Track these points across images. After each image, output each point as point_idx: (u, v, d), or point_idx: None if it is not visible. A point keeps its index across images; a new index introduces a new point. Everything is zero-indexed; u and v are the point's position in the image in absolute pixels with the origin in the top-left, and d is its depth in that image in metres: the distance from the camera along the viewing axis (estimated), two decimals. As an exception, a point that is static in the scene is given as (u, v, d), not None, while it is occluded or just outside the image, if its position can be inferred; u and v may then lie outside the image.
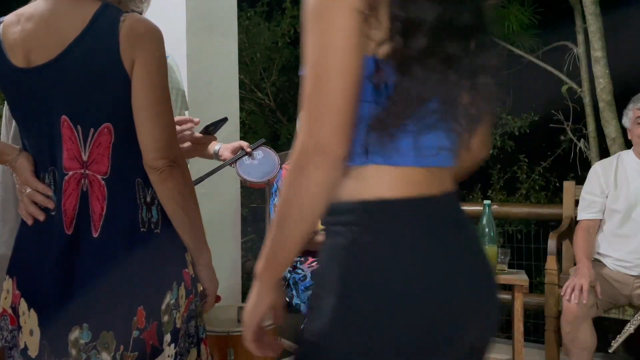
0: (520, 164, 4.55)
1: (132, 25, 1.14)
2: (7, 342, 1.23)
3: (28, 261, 1.21)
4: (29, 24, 1.17)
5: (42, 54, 1.15)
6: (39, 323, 1.18)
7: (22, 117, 1.23)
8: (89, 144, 1.17)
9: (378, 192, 0.86)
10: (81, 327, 1.14)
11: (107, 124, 1.16)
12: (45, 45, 1.15)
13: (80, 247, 1.16)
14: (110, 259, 1.15)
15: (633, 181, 2.56)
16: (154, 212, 1.20)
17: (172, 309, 1.20)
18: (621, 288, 2.46)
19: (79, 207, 1.17)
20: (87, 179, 1.17)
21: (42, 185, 1.19)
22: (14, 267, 1.23)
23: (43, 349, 1.17)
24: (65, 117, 1.16)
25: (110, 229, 1.17)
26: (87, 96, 1.15)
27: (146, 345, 1.17)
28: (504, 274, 2.63)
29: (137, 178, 1.19)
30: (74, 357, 1.14)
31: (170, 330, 1.19)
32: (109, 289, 1.14)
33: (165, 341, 1.19)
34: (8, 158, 1.22)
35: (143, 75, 1.13)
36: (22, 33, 1.17)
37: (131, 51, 1.12)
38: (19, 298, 1.20)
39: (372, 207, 0.86)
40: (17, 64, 1.17)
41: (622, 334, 2.32)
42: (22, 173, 1.21)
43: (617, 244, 2.55)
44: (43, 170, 1.21)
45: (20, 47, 1.16)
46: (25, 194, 1.20)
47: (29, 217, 1.20)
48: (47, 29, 1.16)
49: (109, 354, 1.14)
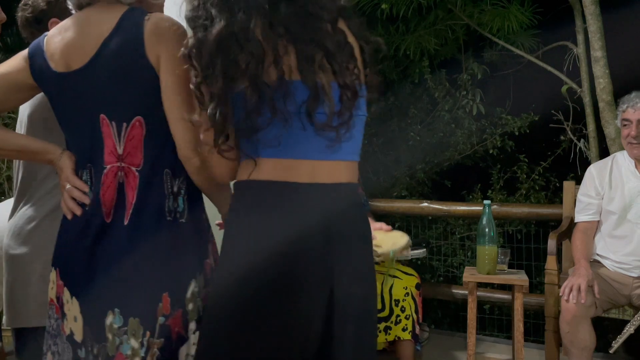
0: (520, 164, 4.55)
1: (155, 23, 1.22)
2: (53, 330, 1.31)
3: (69, 252, 1.28)
4: (68, 33, 1.27)
5: (79, 59, 1.25)
6: (80, 310, 1.25)
7: (64, 119, 1.32)
8: (123, 137, 1.24)
9: (244, 176, 1.15)
10: (113, 312, 1.21)
11: (139, 117, 1.24)
12: (81, 50, 1.25)
13: (113, 234, 1.23)
14: (138, 246, 1.21)
15: (627, 182, 2.56)
16: (180, 202, 1.27)
17: (197, 297, 1.25)
18: (620, 288, 2.46)
19: (116, 198, 1.24)
20: (122, 171, 1.25)
21: (80, 182, 1.27)
22: (57, 259, 1.31)
23: (86, 334, 1.24)
24: (104, 115, 1.24)
25: (139, 217, 1.23)
26: (119, 93, 1.23)
27: (172, 332, 1.21)
28: (504, 274, 2.63)
29: (166, 169, 1.26)
30: (110, 341, 1.21)
31: (195, 318, 1.24)
32: (136, 275, 1.20)
33: (191, 329, 1.24)
34: (52, 157, 1.32)
35: (169, 69, 1.20)
36: (62, 41, 1.27)
37: (156, 47, 1.20)
38: (63, 288, 1.28)
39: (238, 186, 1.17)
40: (57, 69, 1.26)
41: (622, 334, 2.32)
42: (64, 171, 1.29)
43: (614, 245, 2.56)
44: (81, 168, 1.29)
45: (60, 54, 1.26)
46: (65, 190, 1.28)
47: (69, 211, 1.28)
48: (82, 35, 1.26)
49: (136, 339, 1.19)
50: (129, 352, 1.19)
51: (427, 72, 4.57)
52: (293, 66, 1.10)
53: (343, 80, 1.13)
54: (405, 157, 4.72)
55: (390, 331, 2.56)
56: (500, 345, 3.20)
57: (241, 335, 1.11)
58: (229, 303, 1.12)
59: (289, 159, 1.13)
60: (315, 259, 1.12)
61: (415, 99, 4.83)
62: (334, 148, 1.15)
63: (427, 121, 4.77)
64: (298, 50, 1.10)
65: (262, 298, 1.10)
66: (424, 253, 2.86)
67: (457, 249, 4.37)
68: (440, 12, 4.32)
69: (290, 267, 1.10)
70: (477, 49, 4.61)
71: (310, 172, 1.14)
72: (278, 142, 1.12)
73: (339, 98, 1.13)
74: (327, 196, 1.15)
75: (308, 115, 1.10)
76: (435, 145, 4.67)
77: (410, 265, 2.98)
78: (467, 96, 4.55)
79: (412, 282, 2.65)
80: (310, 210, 1.13)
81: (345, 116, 1.13)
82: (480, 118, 4.58)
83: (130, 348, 1.19)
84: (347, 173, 1.20)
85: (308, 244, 1.11)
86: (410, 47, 4.40)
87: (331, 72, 1.12)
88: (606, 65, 3.25)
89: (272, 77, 1.09)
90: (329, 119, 1.11)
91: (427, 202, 3.58)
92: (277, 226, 1.11)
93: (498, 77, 4.55)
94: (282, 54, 1.09)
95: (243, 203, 1.16)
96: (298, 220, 1.11)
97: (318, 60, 1.10)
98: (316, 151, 1.14)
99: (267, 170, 1.13)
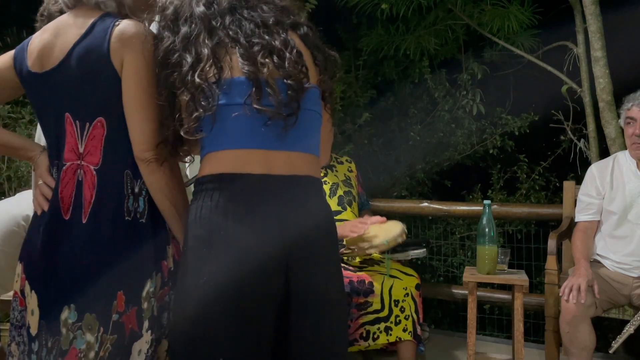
0: (520, 164, 4.55)
1: (122, 29, 1.27)
2: (18, 322, 1.36)
3: (32, 246, 1.33)
4: (45, 35, 1.34)
5: (51, 60, 1.31)
6: (38, 304, 1.30)
7: (38, 117, 1.39)
8: (85, 136, 1.30)
9: (203, 171, 1.23)
10: (69, 307, 1.25)
11: (100, 118, 1.29)
12: (54, 52, 1.31)
13: (72, 232, 1.28)
14: (95, 244, 1.26)
15: (628, 182, 2.56)
16: (141, 202, 1.30)
17: (151, 297, 1.28)
18: (620, 288, 2.46)
19: (74, 195, 1.29)
20: (82, 169, 1.29)
21: (50, 178, 1.34)
22: (23, 253, 1.37)
23: (41, 328, 1.29)
24: (68, 114, 1.30)
25: (97, 216, 1.27)
26: (84, 94, 1.29)
27: (125, 329, 1.25)
28: (504, 274, 2.63)
29: (126, 170, 1.30)
30: (64, 336, 1.25)
31: (149, 317, 1.28)
32: (93, 272, 1.24)
33: (145, 327, 1.27)
34: (32, 154, 1.39)
35: (130, 73, 1.26)
36: (40, 43, 1.34)
37: (120, 51, 1.26)
38: (24, 281, 1.33)
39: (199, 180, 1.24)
40: (33, 69, 1.33)
41: (622, 334, 2.32)
42: (39, 167, 1.36)
43: (614, 246, 2.55)
44: (51, 164, 1.36)
45: (36, 55, 1.33)
46: (37, 186, 1.35)
47: (38, 207, 1.34)
48: (57, 37, 1.32)
49: (92, 334, 1.23)
50: (84, 347, 1.23)
51: (427, 72, 4.57)
52: (235, 65, 1.20)
53: (288, 75, 1.21)
54: (405, 157, 4.72)
55: (391, 332, 2.55)
56: (500, 345, 3.20)
57: (203, 328, 1.16)
58: (188, 299, 1.18)
59: (242, 149, 1.20)
60: (267, 249, 1.16)
61: (415, 99, 4.83)
62: (288, 139, 1.21)
63: (427, 121, 4.77)
64: (240, 51, 1.20)
65: (217, 291, 1.15)
66: (424, 253, 2.86)
67: (457, 249, 4.37)
68: (440, 12, 4.32)
69: (244, 260, 1.15)
70: (477, 49, 4.61)
71: (264, 162, 1.20)
72: (229, 134, 1.19)
73: (286, 92, 1.21)
74: (281, 187, 1.20)
75: (254, 106, 1.17)
76: (435, 145, 4.66)
77: (410, 265, 2.98)
78: (467, 96, 4.54)
79: (412, 283, 2.64)
80: (262, 202, 1.18)
81: (293, 106, 1.20)
82: (480, 118, 4.58)
83: (86, 342, 1.23)
84: (305, 166, 1.25)
85: (260, 237, 1.16)
86: (410, 47, 4.39)
87: (275, 69, 1.20)
88: (606, 65, 3.25)
89: (210, 76, 1.19)
90: (277, 108, 1.18)
91: (427, 202, 3.58)
92: (229, 219, 1.17)
93: (498, 77, 4.54)
94: (221, 56, 1.20)
95: (199, 198, 1.22)
96: (250, 212, 1.17)
97: (260, 58, 1.19)
98: (268, 141, 1.20)
99: (223, 163, 1.20)
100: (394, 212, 3.66)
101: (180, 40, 1.22)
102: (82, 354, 1.23)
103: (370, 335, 2.54)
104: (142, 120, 1.26)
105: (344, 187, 2.98)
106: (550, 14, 4.18)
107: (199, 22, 1.23)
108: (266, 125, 1.19)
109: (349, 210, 2.91)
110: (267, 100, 1.19)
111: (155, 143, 1.26)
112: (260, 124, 1.19)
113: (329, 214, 1.30)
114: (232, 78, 1.19)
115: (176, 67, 1.21)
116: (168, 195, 1.30)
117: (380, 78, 5.02)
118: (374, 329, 2.54)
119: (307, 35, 1.31)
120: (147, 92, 1.26)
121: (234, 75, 1.20)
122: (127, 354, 1.25)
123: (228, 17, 1.24)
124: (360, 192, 3.12)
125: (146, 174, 1.28)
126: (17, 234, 2.78)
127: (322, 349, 1.22)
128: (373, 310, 2.54)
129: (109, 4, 1.35)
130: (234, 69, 1.20)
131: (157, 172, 1.27)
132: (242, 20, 1.24)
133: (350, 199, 2.97)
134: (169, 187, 1.29)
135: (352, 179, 3.07)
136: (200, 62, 1.19)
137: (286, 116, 1.19)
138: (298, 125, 1.21)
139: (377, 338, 2.54)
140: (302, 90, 1.22)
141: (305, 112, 1.24)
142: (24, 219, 2.74)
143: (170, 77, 1.21)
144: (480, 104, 4.50)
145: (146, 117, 1.26)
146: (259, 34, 1.23)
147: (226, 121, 1.19)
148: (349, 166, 3.11)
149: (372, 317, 2.54)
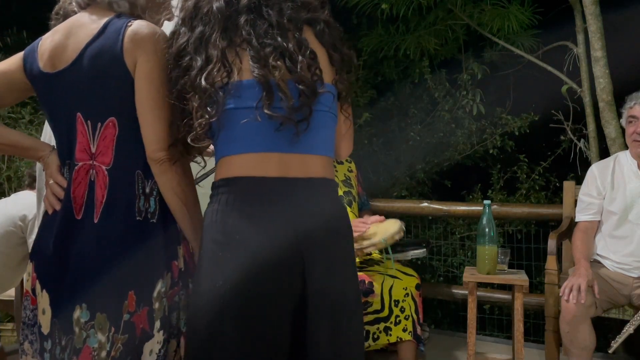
0: (520, 164, 4.55)
1: (135, 29, 1.27)
2: (30, 320, 1.36)
3: (43, 246, 1.33)
4: (57, 35, 1.34)
5: (63, 60, 1.31)
6: (50, 303, 1.30)
7: (49, 116, 1.38)
8: (97, 137, 1.30)
9: (219, 175, 1.23)
10: (81, 307, 1.25)
11: (112, 118, 1.29)
12: (66, 52, 1.31)
13: (83, 231, 1.28)
14: (106, 244, 1.26)
15: (629, 182, 2.55)
16: (152, 202, 1.30)
17: (163, 297, 1.28)
18: (620, 288, 2.46)
19: (87, 195, 1.29)
20: (94, 169, 1.30)
21: (61, 178, 1.34)
22: (34, 252, 1.37)
23: (54, 327, 1.29)
24: (79, 113, 1.30)
25: (108, 216, 1.27)
26: (96, 94, 1.29)
27: (136, 328, 1.25)
28: (504, 274, 2.63)
29: (137, 170, 1.30)
30: (77, 334, 1.25)
31: (161, 317, 1.28)
32: (104, 272, 1.24)
33: (156, 327, 1.27)
34: (42, 154, 1.39)
35: (143, 74, 1.26)
36: (51, 43, 1.34)
37: (133, 52, 1.26)
38: (35, 280, 1.34)
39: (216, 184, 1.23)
40: (45, 69, 1.33)
41: (622, 334, 2.32)
42: (50, 167, 1.36)
43: (614, 246, 2.55)
44: (63, 164, 1.35)
45: (48, 55, 1.33)
46: (48, 186, 1.34)
47: (49, 206, 1.34)
48: (69, 38, 1.32)
49: (103, 334, 1.24)
50: (96, 345, 1.24)
51: (427, 72, 4.57)
52: (245, 67, 1.17)
53: (300, 79, 1.18)
54: (405, 157, 4.72)
55: (390, 332, 2.55)
56: (500, 345, 3.20)
57: (219, 331, 1.15)
58: (204, 302, 1.17)
59: (256, 152, 1.18)
60: (284, 252, 1.15)
61: (415, 99, 4.83)
62: (302, 142, 1.19)
63: (427, 121, 4.77)
64: (251, 53, 1.17)
65: (233, 295, 1.14)
66: (424, 253, 2.86)
67: (457, 249, 4.37)
68: (440, 12, 4.32)
69: (260, 263, 1.14)
70: (477, 49, 4.61)
71: (279, 165, 1.18)
72: (242, 138, 1.18)
73: (298, 95, 1.18)
74: (297, 190, 1.19)
75: (265, 111, 1.15)
76: (435, 145, 4.67)
77: (410, 265, 2.98)
78: (467, 96, 4.54)
79: (412, 283, 2.64)
80: (279, 205, 1.17)
81: (305, 112, 1.18)
82: (480, 118, 4.58)
83: (98, 341, 1.24)
84: (320, 168, 1.24)
85: (276, 239, 1.15)
86: (410, 47, 4.40)
87: (287, 72, 1.17)
88: (606, 65, 3.25)
89: (218, 80, 1.17)
90: (288, 113, 1.16)
91: (427, 202, 3.58)
92: (245, 222, 1.16)
93: (498, 77, 4.55)
94: (231, 58, 1.17)
95: (215, 201, 1.21)
96: (266, 215, 1.16)
97: (271, 61, 1.16)
98: (282, 144, 1.19)
99: (237, 167, 1.19)
100: (394, 212, 3.66)
101: (193, 41, 1.20)
102: (95, 353, 1.24)
103: (370, 335, 2.53)
104: (155, 121, 1.25)
105: (344, 187, 2.98)
106: (550, 14, 4.18)
107: (215, 21, 1.19)
108: (278, 130, 1.17)
109: (349, 211, 2.91)
110: (279, 104, 1.16)
111: (167, 143, 1.25)
112: (272, 128, 1.17)
113: (345, 216, 1.28)
114: (240, 81, 1.17)
115: (187, 70, 1.20)
116: (180, 195, 1.29)
117: (380, 78, 5.02)
118: (374, 329, 2.54)
119: (323, 32, 1.27)
120: (160, 92, 1.26)
121: (243, 78, 1.18)
122: (138, 354, 1.25)
123: (244, 15, 1.20)
124: (360, 192, 3.12)
125: (158, 173, 1.28)
126: (14, 234, 2.80)
127: (339, 353, 1.20)
128: (373, 310, 2.53)
129: (121, 4, 1.35)
130: (244, 72, 1.17)
131: (169, 171, 1.27)
132: (257, 19, 1.20)
133: (350, 199, 2.97)
134: (181, 187, 1.29)
135: (352, 179, 3.07)
136: (209, 65, 1.17)
137: (298, 122, 1.17)
138: (312, 128, 1.19)
139: (377, 338, 2.54)
140: (314, 95, 1.19)
141: (319, 113, 1.22)
142: (20, 219, 2.76)
143: (181, 80, 1.20)
144: (480, 104, 4.50)
145: (159, 117, 1.26)
146: (272, 35, 1.19)
147: (237, 125, 1.18)
148: (348, 166, 3.12)
149: (372, 317, 2.53)
